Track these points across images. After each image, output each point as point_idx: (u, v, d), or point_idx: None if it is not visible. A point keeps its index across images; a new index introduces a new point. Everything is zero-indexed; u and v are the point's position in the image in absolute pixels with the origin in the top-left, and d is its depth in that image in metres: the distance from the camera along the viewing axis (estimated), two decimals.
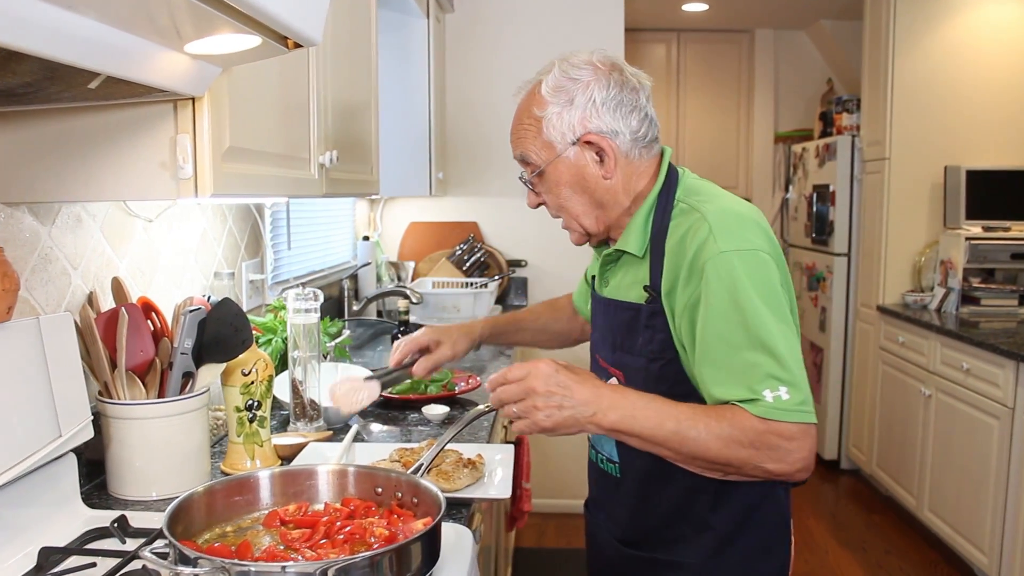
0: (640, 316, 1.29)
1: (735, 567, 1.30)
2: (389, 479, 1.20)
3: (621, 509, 1.38)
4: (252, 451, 1.54)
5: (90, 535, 1.22)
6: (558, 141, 1.30)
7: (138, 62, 1.00)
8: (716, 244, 1.18)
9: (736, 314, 1.15)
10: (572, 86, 1.29)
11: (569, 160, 1.31)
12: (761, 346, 1.13)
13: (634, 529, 1.37)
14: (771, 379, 1.12)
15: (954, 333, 3.35)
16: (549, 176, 1.33)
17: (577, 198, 1.34)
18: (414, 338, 1.66)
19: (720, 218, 1.22)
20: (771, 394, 1.12)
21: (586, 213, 1.35)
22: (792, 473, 1.14)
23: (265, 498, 1.19)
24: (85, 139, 1.25)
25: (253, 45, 1.07)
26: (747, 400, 1.13)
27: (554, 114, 1.29)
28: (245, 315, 1.48)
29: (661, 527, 1.33)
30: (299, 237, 2.73)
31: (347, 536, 1.10)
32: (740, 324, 1.14)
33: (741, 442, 1.11)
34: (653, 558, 1.34)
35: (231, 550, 1.07)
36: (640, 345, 1.29)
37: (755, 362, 1.13)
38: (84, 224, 1.52)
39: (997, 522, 3.01)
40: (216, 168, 1.25)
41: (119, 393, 1.40)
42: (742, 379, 1.14)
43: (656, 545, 1.34)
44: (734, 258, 1.17)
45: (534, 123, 1.32)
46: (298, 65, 1.62)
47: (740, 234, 1.20)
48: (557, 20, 3.82)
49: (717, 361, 1.16)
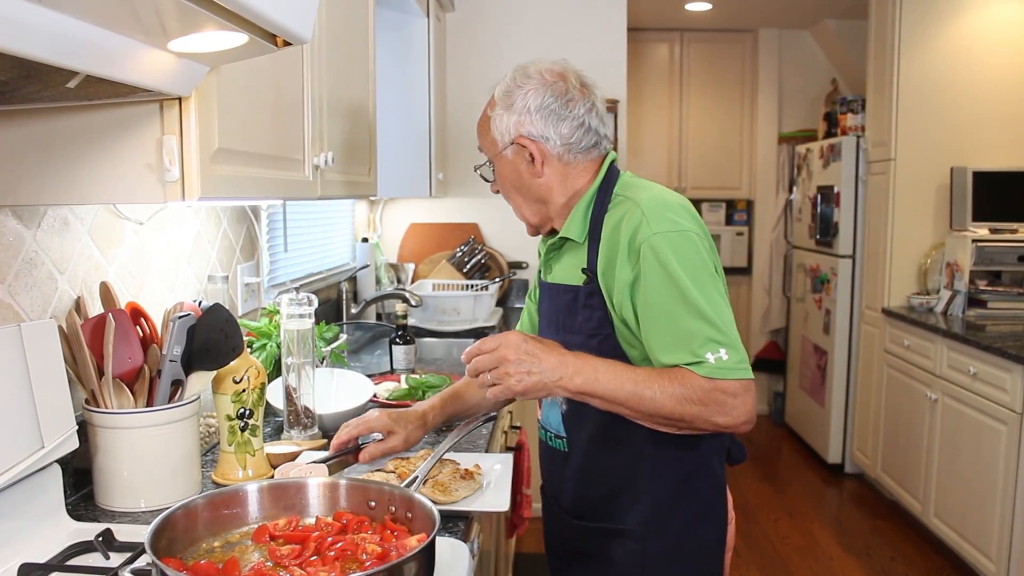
0: (579, 297, 1.40)
1: (674, 532, 1.42)
2: (382, 493, 1.16)
3: (569, 483, 1.48)
4: (244, 461, 1.50)
5: (74, 550, 1.18)
6: (499, 140, 1.45)
7: (119, 61, 0.96)
8: (649, 227, 1.31)
9: (673, 287, 1.27)
10: (516, 92, 1.43)
11: (507, 158, 1.46)
12: (698, 314, 1.26)
13: (582, 501, 1.47)
14: (711, 343, 1.25)
15: (961, 337, 3.30)
16: (496, 170, 1.50)
17: (518, 193, 1.49)
18: (365, 420, 1.56)
19: (651, 204, 1.34)
20: (712, 356, 1.24)
21: (527, 205, 1.50)
22: (737, 425, 1.26)
23: (254, 512, 1.15)
24: (68, 140, 1.21)
25: (240, 43, 1.03)
26: (692, 363, 1.25)
27: (498, 115, 1.45)
28: (236, 321, 1.44)
29: (606, 497, 1.43)
30: (296, 239, 2.69)
31: (338, 553, 1.06)
32: (678, 296, 1.27)
33: (692, 399, 1.24)
34: (600, 527, 1.44)
35: (218, 568, 1.03)
36: (579, 324, 1.40)
37: (694, 329, 1.26)
38: (71, 227, 1.48)
39: (1005, 529, 2.96)
40: (204, 170, 1.21)
41: (106, 402, 1.36)
42: (685, 345, 1.26)
43: (602, 515, 1.44)
44: (666, 238, 1.30)
45: (486, 121, 1.48)
46: (291, 64, 1.58)
47: (670, 217, 1.32)
48: (559, 20, 3.78)
49: (661, 331, 1.29)
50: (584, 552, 1.48)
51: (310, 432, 1.69)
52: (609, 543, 1.43)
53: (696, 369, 1.24)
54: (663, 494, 1.40)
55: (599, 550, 1.44)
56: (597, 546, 1.45)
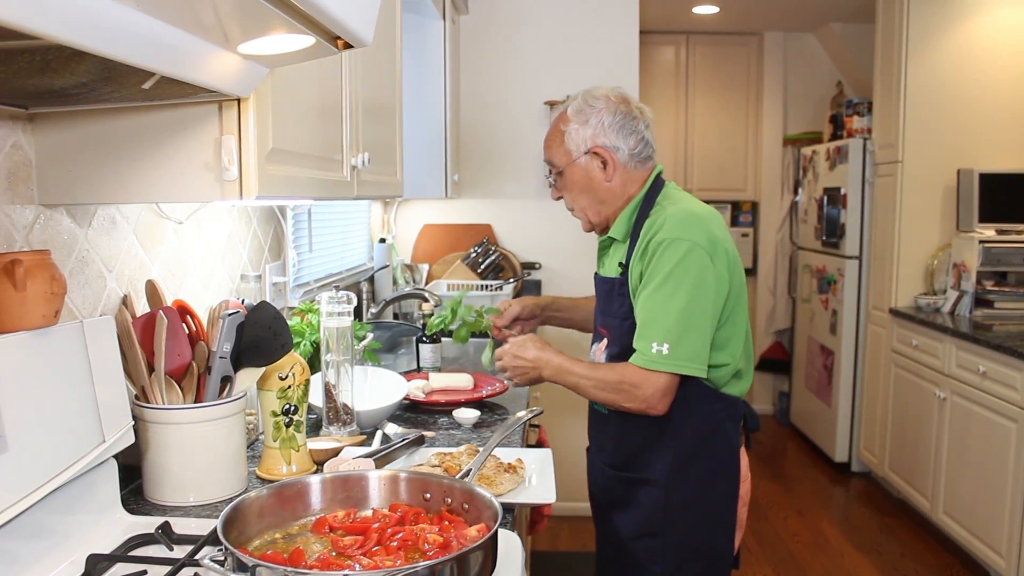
0: (615, 287, 1.71)
1: (691, 484, 1.68)
2: (441, 485, 1.18)
3: (609, 440, 1.78)
4: (288, 456, 1.52)
5: (134, 541, 1.20)
6: (574, 150, 1.72)
7: (193, 62, 0.99)
8: (663, 233, 1.60)
9: (657, 287, 1.57)
10: (589, 110, 1.71)
11: (581, 166, 1.73)
12: (663, 313, 1.56)
13: (618, 455, 1.76)
14: (659, 336, 1.56)
15: (970, 336, 3.34)
16: (566, 176, 1.75)
17: (585, 195, 1.75)
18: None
19: (675, 214, 1.63)
20: (656, 347, 1.55)
21: (591, 207, 1.76)
22: (644, 409, 1.59)
23: (315, 504, 1.17)
24: (128, 140, 1.24)
25: (306, 45, 1.06)
26: (638, 352, 1.58)
27: (573, 129, 1.72)
28: (283, 318, 1.46)
29: (637, 451, 1.72)
30: (318, 239, 2.71)
31: (400, 543, 1.09)
32: (657, 295, 1.57)
33: (607, 388, 1.63)
34: (632, 476, 1.73)
35: (284, 557, 1.06)
36: (615, 309, 1.71)
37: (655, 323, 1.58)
38: (119, 226, 1.50)
39: (1015, 525, 3.00)
40: (261, 170, 1.23)
41: (157, 397, 1.38)
42: (644, 334, 1.58)
43: (634, 466, 1.73)
44: (670, 244, 1.58)
45: (559, 135, 1.74)
46: (333, 65, 1.60)
47: (684, 229, 1.59)
48: (571, 23, 3.80)
49: (639, 318, 1.61)
50: (619, 498, 1.76)
51: (349, 428, 1.72)
52: (639, 490, 1.71)
53: (635, 359, 1.58)
54: (684, 450, 1.67)
55: (630, 496, 1.73)
56: (629, 493, 1.74)
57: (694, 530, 1.69)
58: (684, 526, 1.68)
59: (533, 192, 3.88)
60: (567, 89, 3.80)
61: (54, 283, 1.11)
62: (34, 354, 1.10)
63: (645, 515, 1.70)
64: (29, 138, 1.25)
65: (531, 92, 3.81)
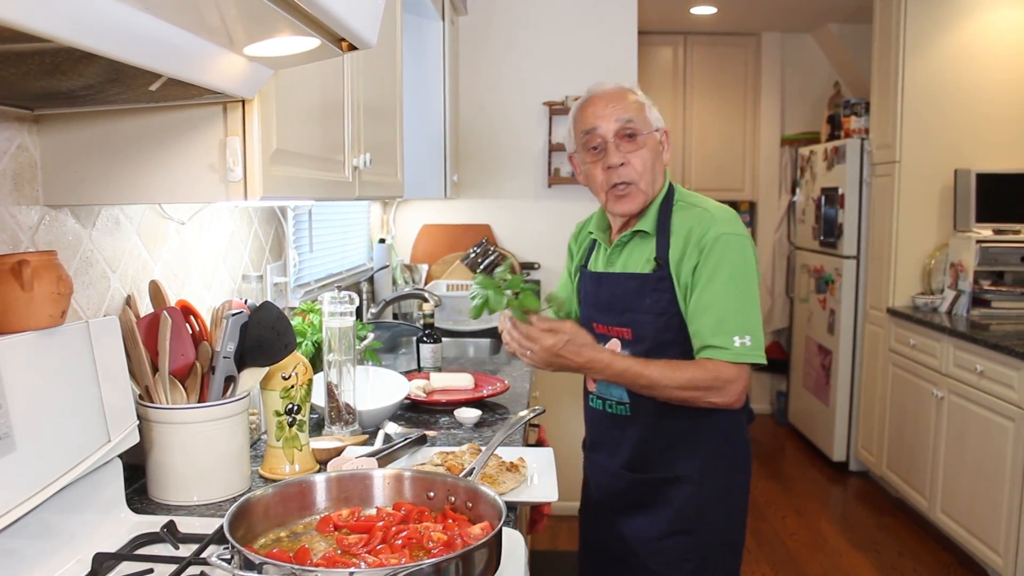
0: (648, 282, 1.68)
1: (721, 477, 1.72)
2: (445, 484, 1.19)
3: (627, 441, 1.74)
4: (292, 455, 1.53)
5: (140, 540, 1.21)
6: (652, 122, 1.73)
7: (200, 64, 1.00)
8: (718, 228, 1.62)
9: (727, 281, 1.59)
10: (648, 99, 1.76)
11: (654, 138, 1.73)
12: (739, 306, 1.58)
13: (640, 456, 1.73)
14: (740, 330, 1.57)
15: (968, 336, 3.35)
16: (644, 142, 1.70)
17: (651, 167, 1.71)
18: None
19: (719, 211, 1.68)
20: (739, 341, 1.57)
21: (654, 179, 1.72)
22: (731, 403, 1.60)
23: (320, 503, 1.18)
24: (133, 141, 1.24)
25: (311, 47, 1.07)
26: (721, 348, 1.57)
27: (649, 106, 1.74)
28: (287, 318, 1.47)
29: (662, 451, 1.71)
30: (318, 240, 2.72)
31: (405, 541, 1.10)
32: (730, 289, 1.58)
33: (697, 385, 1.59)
34: (658, 477, 1.71)
35: (289, 555, 1.06)
36: (648, 305, 1.67)
37: (733, 317, 1.58)
38: (122, 227, 1.51)
39: (1013, 523, 3.02)
40: (265, 170, 1.24)
41: (161, 397, 1.39)
42: (724, 329, 1.58)
43: (659, 466, 1.72)
44: (730, 239, 1.61)
45: (638, 103, 1.72)
46: (335, 67, 1.61)
47: (733, 223, 1.65)
48: (570, 24, 3.81)
49: (710, 315, 1.59)
50: (640, 500, 1.74)
51: (351, 428, 1.72)
52: (668, 489, 1.71)
53: (721, 355, 1.57)
54: (712, 447, 1.71)
55: (657, 496, 1.72)
56: (655, 493, 1.72)
57: (722, 522, 1.73)
58: (715, 520, 1.71)
59: (532, 192, 3.89)
60: (565, 90, 3.85)
61: (61, 283, 1.12)
62: (41, 354, 1.11)
63: (676, 513, 1.70)
64: (35, 139, 1.26)
65: (530, 93, 3.82)
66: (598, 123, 1.69)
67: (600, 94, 1.72)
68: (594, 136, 1.69)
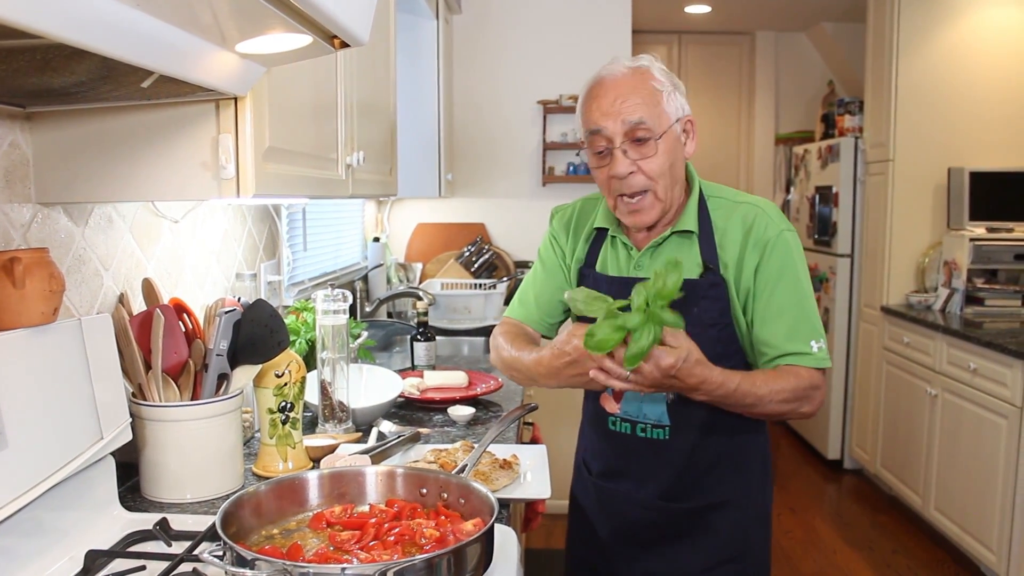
0: (697, 289, 1.45)
1: (761, 498, 1.59)
2: (437, 480, 1.19)
3: (667, 469, 1.53)
4: (285, 453, 1.53)
5: (132, 538, 1.21)
6: (672, 115, 1.44)
7: (192, 61, 1.00)
8: (776, 224, 1.45)
9: (799, 282, 1.44)
10: (672, 76, 1.47)
11: (674, 133, 1.45)
12: (811, 308, 1.45)
13: (679, 484, 1.53)
14: (816, 333, 1.43)
15: (961, 333, 3.36)
16: (658, 146, 1.42)
17: (669, 170, 1.45)
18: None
19: (768, 205, 1.49)
20: (816, 345, 1.42)
21: (672, 185, 1.47)
22: (815, 412, 1.45)
23: (312, 499, 1.18)
24: (125, 139, 1.24)
25: (303, 44, 1.07)
26: (803, 354, 1.41)
27: (669, 92, 1.44)
28: (280, 316, 1.47)
29: (702, 476, 1.52)
30: (312, 238, 2.72)
31: (397, 537, 1.10)
32: (803, 290, 1.44)
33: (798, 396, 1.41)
34: (698, 506, 1.53)
35: (282, 552, 1.07)
36: (696, 315, 1.44)
37: (810, 321, 1.44)
38: (115, 225, 1.51)
39: (1006, 520, 3.03)
40: (258, 168, 1.24)
41: (154, 395, 1.39)
42: (804, 334, 1.42)
43: (697, 494, 1.53)
44: (792, 237, 1.46)
45: (653, 94, 1.43)
46: (328, 65, 1.61)
47: (784, 219, 1.48)
48: (564, 22, 3.82)
49: (786, 319, 1.43)
50: (677, 532, 1.55)
51: (344, 426, 1.73)
52: (711, 515, 1.54)
53: (804, 361, 1.41)
54: (754, 466, 1.57)
55: (698, 525, 1.54)
56: (695, 522, 1.54)
57: (765, 544, 1.61)
58: (760, 543, 1.59)
59: (526, 191, 3.90)
60: (560, 89, 3.85)
61: (53, 281, 1.12)
62: (33, 351, 1.11)
63: (723, 541, 1.54)
64: (27, 137, 1.26)
65: (524, 91, 3.82)
66: (603, 123, 1.42)
67: (609, 82, 1.44)
68: (599, 138, 1.43)
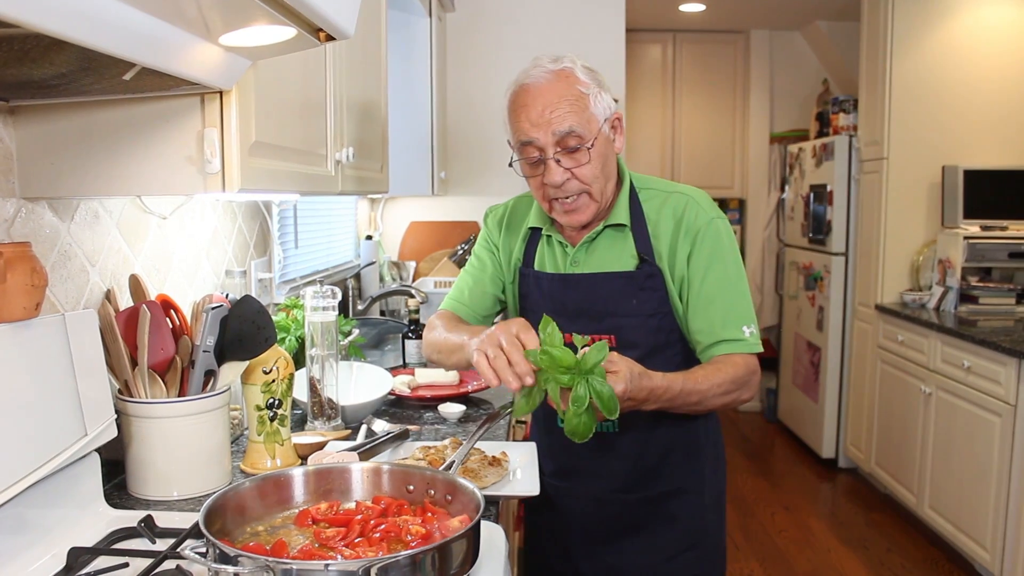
0: (634, 281, 1.49)
1: (716, 483, 1.60)
2: (424, 477, 1.18)
3: (618, 460, 1.56)
4: (273, 450, 1.52)
5: (117, 535, 1.20)
6: (600, 116, 1.44)
7: (175, 53, 0.99)
8: (706, 212, 1.48)
9: (732, 267, 1.47)
10: (595, 73, 1.47)
11: (605, 135, 1.45)
12: (743, 292, 1.47)
13: (633, 474, 1.56)
14: (746, 318, 1.45)
15: (955, 331, 3.36)
16: (594, 150, 1.42)
17: (602, 171, 1.46)
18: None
19: (696, 194, 1.52)
20: (747, 330, 1.44)
21: (605, 183, 1.48)
22: (751, 398, 1.49)
23: (298, 496, 1.17)
24: (109, 133, 1.23)
25: (288, 37, 1.06)
26: (736, 340, 1.43)
27: (595, 93, 1.44)
28: (267, 312, 1.46)
29: (657, 465, 1.55)
30: (304, 236, 2.71)
31: (383, 534, 1.09)
32: (735, 275, 1.46)
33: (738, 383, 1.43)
34: (656, 494, 1.56)
35: (266, 549, 1.06)
36: (635, 306, 1.49)
37: (743, 306, 1.46)
38: (101, 220, 1.50)
39: (999, 518, 3.03)
40: (244, 163, 1.23)
41: (140, 392, 1.38)
42: (737, 320, 1.44)
43: (657, 481, 1.56)
44: (723, 224, 1.48)
45: (580, 99, 1.42)
46: (317, 60, 1.60)
47: (714, 206, 1.51)
48: (558, 20, 3.81)
49: (719, 306, 1.45)
50: (635, 523, 1.57)
51: (334, 423, 1.72)
52: (667, 504, 1.56)
53: (737, 348, 1.43)
54: (706, 451, 1.59)
55: (657, 514, 1.56)
56: (654, 512, 1.56)
57: (720, 530, 1.63)
58: (716, 529, 1.61)
59: (520, 190, 3.85)
60: None
61: (35, 275, 1.11)
62: (14, 346, 1.10)
63: (682, 529, 1.56)
64: (10, 131, 1.25)
65: None
66: (534, 134, 1.41)
67: (535, 89, 1.42)
68: (531, 148, 1.43)
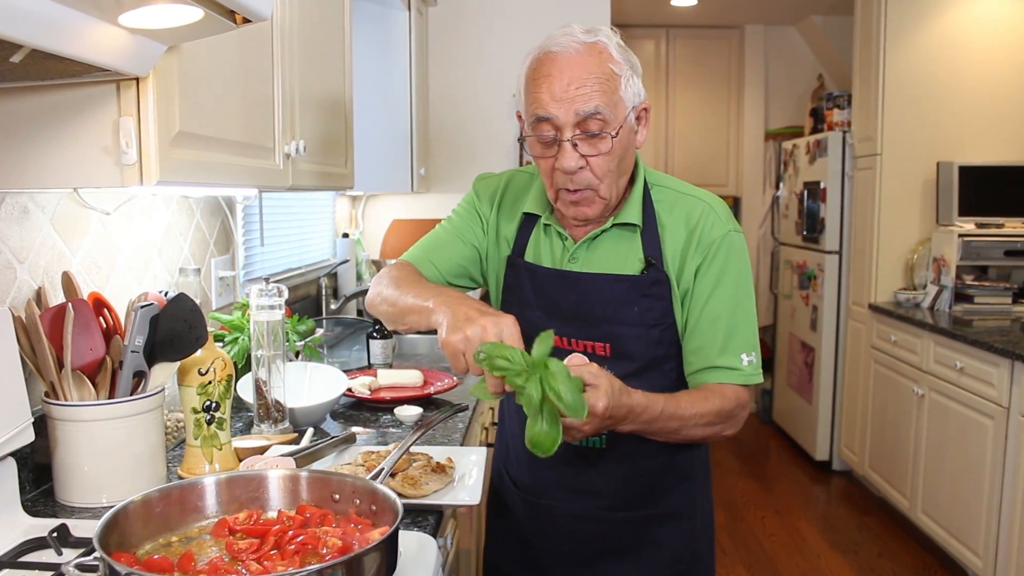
0: (638, 286, 1.34)
1: (706, 508, 1.50)
2: (344, 485, 1.12)
3: (606, 479, 1.42)
4: (211, 455, 1.46)
5: (27, 546, 1.14)
6: (628, 103, 1.27)
7: (66, 34, 0.92)
8: (723, 223, 1.34)
9: (741, 287, 1.34)
10: (629, 54, 1.29)
11: (630, 124, 1.29)
12: (750, 316, 1.35)
13: (623, 493, 1.43)
14: (748, 345, 1.33)
15: (948, 332, 3.28)
16: (611, 143, 1.26)
17: (618, 166, 1.31)
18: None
19: (715, 201, 1.37)
20: (747, 359, 1.32)
21: (618, 179, 1.33)
22: (735, 434, 1.37)
23: (211, 506, 1.11)
24: (21, 123, 1.17)
25: (195, 19, 1.00)
26: (732, 368, 1.32)
27: (627, 75, 1.26)
28: (200, 311, 1.40)
29: (648, 486, 1.43)
30: (274, 233, 2.64)
31: (299, 547, 1.03)
32: (744, 297, 1.34)
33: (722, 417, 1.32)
34: (641, 516, 1.44)
35: (172, 562, 0.99)
36: (637, 314, 1.34)
37: (746, 331, 1.34)
38: (32, 216, 1.44)
39: (992, 524, 2.94)
40: (163, 153, 1.17)
41: (66, 394, 1.32)
42: (737, 346, 1.32)
43: (647, 502, 1.44)
44: (739, 239, 1.35)
45: (610, 79, 1.24)
46: (260, 49, 1.54)
47: (732, 218, 1.37)
48: (542, 14, 3.74)
49: (720, 329, 1.32)
50: (621, 546, 1.44)
51: (281, 426, 1.65)
52: (655, 529, 1.44)
53: (732, 377, 1.31)
54: (697, 473, 1.48)
55: (642, 539, 1.44)
56: (638, 535, 1.44)
57: (711, 560, 1.52)
58: (707, 559, 1.51)
59: None
60: None
61: None
62: None
63: (674, 555, 1.45)
64: None
65: (502, 85, 3.74)
66: (554, 110, 1.23)
67: (563, 60, 1.23)
68: (547, 125, 1.26)
